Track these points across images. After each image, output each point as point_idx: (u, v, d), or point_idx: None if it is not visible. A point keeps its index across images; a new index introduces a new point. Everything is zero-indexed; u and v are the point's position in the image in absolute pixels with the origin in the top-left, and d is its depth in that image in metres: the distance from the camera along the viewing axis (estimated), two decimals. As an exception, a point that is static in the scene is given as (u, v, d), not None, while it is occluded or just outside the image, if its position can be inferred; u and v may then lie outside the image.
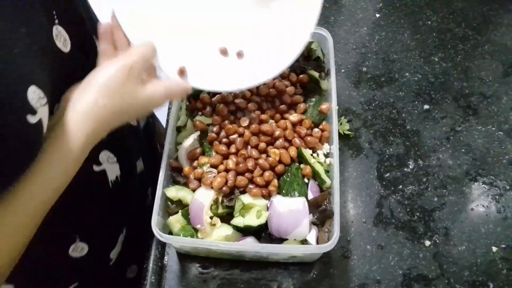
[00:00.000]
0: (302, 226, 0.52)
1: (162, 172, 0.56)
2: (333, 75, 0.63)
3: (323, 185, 0.57)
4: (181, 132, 0.62)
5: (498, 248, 0.61)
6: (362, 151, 0.69)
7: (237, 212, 0.54)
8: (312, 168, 0.57)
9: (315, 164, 0.57)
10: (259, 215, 0.53)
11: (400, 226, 0.63)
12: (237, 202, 0.54)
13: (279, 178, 0.57)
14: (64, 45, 0.46)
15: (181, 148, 0.59)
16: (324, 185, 0.56)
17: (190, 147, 0.59)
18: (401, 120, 0.73)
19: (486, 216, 0.63)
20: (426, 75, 0.77)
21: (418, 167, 0.68)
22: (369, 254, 0.61)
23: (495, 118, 0.72)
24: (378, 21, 0.85)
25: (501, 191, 0.66)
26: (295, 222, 0.52)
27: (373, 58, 0.80)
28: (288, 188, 0.55)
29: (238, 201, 0.54)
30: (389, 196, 0.65)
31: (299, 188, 0.55)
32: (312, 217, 0.54)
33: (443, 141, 0.70)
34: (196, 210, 0.53)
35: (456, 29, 0.83)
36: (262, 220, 0.53)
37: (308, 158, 0.57)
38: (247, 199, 0.54)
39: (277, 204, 0.53)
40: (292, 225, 0.52)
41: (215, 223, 0.54)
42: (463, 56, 0.79)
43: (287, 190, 0.55)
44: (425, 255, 0.60)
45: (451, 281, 0.58)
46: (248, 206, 0.54)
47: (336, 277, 0.59)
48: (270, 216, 0.53)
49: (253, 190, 0.54)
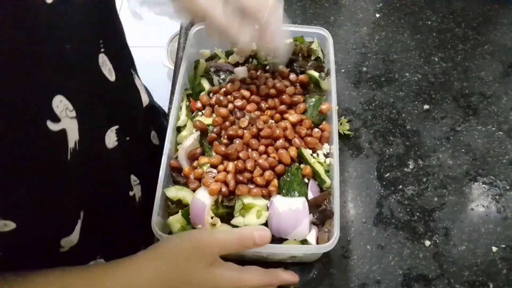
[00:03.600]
0: (302, 226, 0.52)
1: (162, 172, 0.56)
2: (333, 75, 0.63)
3: (323, 185, 0.56)
4: (181, 132, 0.62)
5: (498, 248, 0.61)
6: (362, 151, 0.69)
7: (237, 212, 0.54)
8: (312, 168, 0.57)
9: (315, 164, 0.57)
10: (259, 215, 0.53)
11: (400, 226, 0.63)
12: (237, 202, 0.54)
13: (279, 178, 0.56)
14: (109, 73, 0.48)
15: (181, 148, 0.59)
16: (324, 185, 0.56)
17: (190, 147, 0.59)
18: (401, 120, 0.73)
19: (486, 216, 0.63)
20: (426, 75, 0.77)
21: (418, 167, 0.68)
22: (369, 254, 0.61)
23: (495, 118, 0.72)
24: (378, 21, 0.85)
25: (501, 191, 0.66)
26: (295, 222, 0.52)
27: (373, 58, 0.80)
28: (288, 188, 0.55)
29: (238, 201, 0.54)
30: (389, 196, 0.65)
31: (299, 188, 0.55)
32: (312, 217, 0.54)
33: (443, 141, 0.70)
34: (197, 210, 0.53)
35: (456, 29, 0.83)
36: (262, 220, 0.53)
37: (308, 158, 0.57)
38: (247, 199, 0.54)
39: (277, 204, 0.53)
40: (292, 225, 0.52)
41: (215, 223, 0.54)
42: (463, 56, 0.79)
43: (287, 190, 0.55)
44: (425, 255, 0.60)
45: (451, 281, 0.58)
46: (248, 206, 0.54)
47: (336, 277, 0.59)
48: (270, 216, 0.53)
49: (253, 190, 0.54)
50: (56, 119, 0.37)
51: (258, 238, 0.44)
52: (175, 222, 0.55)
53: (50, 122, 0.37)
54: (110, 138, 0.50)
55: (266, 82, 0.64)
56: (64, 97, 0.38)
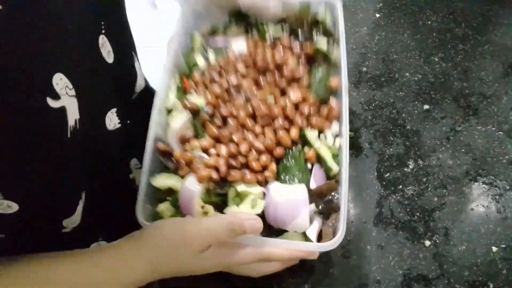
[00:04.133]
0: (301, 217, 0.47)
1: (147, 156, 0.50)
2: (342, 45, 0.56)
3: (330, 173, 0.49)
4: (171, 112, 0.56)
5: (498, 248, 0.61)
6: (362, 151, 0.69)
7: (230, 201, 0.49)
8: (317, 153, 0.49)
9: (320, 147, 0.49)
10: (254, 204, 0.48)
11: (400, 226, 0.63)
12: (230, 189, 0.49)
13: (278, 163, 0.50)
14: (108, 56, 0.48)
15: (171, 129, 0.53)
16: (331, 172, 0.49)
17: (182, 129, 0.54)
18: (401, 120, 0.73)
19: (486, 216, 0.63)
20: (426, 75, 0.77)
21: (418, 167, 0.68)
22: (369, 254, 0.61)
23: (495, 118, 0.72)
24: (378, 21, 0.85)
25: (501, 191, 0.66)
26: (293, 213, 0.47)
27: (373, 58, 0.80)
28: (287, 174, 0.49)
29: (231, 189, 0.49)
30: (389, 196, 0.65)
31: (300, 175, 0.49)
32: (315, 208, 0.49)
33: (443, 141, 0.70)
34: (186, 199, 0.48)
35: (456, 29, 0.83)
36: (258, 210, 0.47)
37: (312, 141, 0.50)
38: (240, 187, 0.49)
39: (273, 192, 0.48)
40: (290, 215, 0.47)
41: (207, 211, 0.49)
42: (463, 56, 0.79)
43: (286, 176, 0.49)
44: (425, 255, 0.60)
45: (451, 281, 0.58)
46: (243, 194, 0.49)
47: (336, 277, 0.59)
48: (267, 205, 0.48)
49: (247, 176, 0.48)
50: (56, 97, 0.37)
51: (248, 227, 0.42)
52: (165, 210, 0.51)
53: (50, 99, 0.37)
54: (111, 120, 0.50)
55: (264, 54, 0.56)
56: (64, 75, 0.38)
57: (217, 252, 0.43)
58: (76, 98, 0.41)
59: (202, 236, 0.42)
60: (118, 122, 0.52)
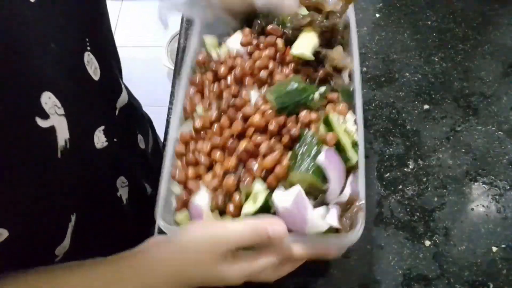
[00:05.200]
0: (308, 219, 0.44)
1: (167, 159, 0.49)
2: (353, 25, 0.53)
3: (347, 164, 0.46)
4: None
5: (498, 248, 0.61)
6: (362, 151, 0.69)
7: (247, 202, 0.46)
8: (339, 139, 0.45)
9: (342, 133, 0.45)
10: (255, 198, 0.45)
11: (400, 226, 0.63)
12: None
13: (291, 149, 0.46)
14: (94, 73, 0.47)
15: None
16: (348, 163, 0.46)
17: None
18: (401, 120, 0.73)
19: (486, 216, 0.63)
20: (426, 75, 0.77)
21: (418, 167, 0.68)
22: (369, 254, 0.61)
23: (495, 118, 0.72)
24: (378, 21, 0.85)
25: (501, 191, 0.66)
26: (301, 218, 0.44)
27: (373, 58, 0.80)
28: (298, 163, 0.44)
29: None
30: (389, 196, 0.65)
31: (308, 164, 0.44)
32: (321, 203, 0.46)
33: (443, 141, 0.70)
34: (195, 215, 0.48)
35: (456, 29, 0.83)
36: (258, 204, 0.45)
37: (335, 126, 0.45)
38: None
39: (276, 201, 0.45)
40: (298, 223, 0.44)
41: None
42: (463, 56, 0.79)
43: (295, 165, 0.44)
44: (425, 255, 0.60)
45: (451, 281, 0.58)
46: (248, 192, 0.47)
47: (336, 277, 0.59)
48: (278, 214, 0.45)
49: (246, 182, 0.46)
50: (45, 116, 0.37)
51: (272, 233, 0.41)
52: (184, 218, 0.49)
53: (39, 118, 0.37)
54: (98, 138, 0.50)
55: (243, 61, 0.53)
56: (53, 94, 0.38)
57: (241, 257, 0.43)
58: (65, 117, 0.40)
59: (229, 242, 0.41)
60: (105, 140, 0.51)
